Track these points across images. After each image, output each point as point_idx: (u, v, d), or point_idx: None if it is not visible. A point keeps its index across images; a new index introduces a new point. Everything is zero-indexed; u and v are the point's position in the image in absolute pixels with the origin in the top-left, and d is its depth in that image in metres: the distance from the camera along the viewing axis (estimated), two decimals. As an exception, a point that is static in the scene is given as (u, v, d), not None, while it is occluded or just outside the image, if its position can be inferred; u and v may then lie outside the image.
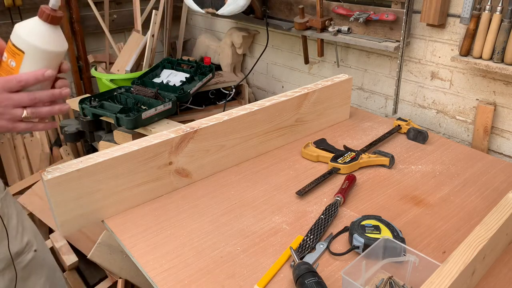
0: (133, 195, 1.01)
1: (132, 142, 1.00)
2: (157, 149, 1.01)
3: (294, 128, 1.32)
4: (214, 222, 0.97)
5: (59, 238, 1.57)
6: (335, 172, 1.16)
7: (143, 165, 1.00)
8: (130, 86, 1.79)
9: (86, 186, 0.92)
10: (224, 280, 0.81)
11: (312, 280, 0.74)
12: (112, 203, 0.98)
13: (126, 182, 0.98)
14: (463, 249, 0.71)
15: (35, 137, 2.26)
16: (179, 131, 1.05)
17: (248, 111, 1.16)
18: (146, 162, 1.00)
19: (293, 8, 1.81)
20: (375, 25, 1.55)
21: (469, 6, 1.27)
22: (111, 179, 0.95)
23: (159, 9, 2.18)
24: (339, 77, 1.40)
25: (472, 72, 1.38)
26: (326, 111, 1.39)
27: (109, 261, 1.43)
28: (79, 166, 0.90)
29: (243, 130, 1.17)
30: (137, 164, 0.98)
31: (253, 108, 1.17)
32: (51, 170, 0.88)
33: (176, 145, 1.04)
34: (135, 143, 1.00)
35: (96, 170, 0.92)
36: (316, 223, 0.94)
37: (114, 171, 0.95)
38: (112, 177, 0.95)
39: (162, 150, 1.02)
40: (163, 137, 1.02)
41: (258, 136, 1.23)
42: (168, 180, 1.06)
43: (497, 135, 1.38)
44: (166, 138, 1.02)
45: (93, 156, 0.94)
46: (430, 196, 1.06)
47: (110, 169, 0.94)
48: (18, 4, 1.99)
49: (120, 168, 0.96)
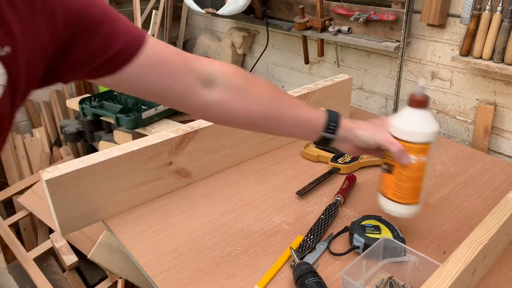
0: (133, 195, 1.01)
1: (132, 142, 1.00)
2: (157, 149, 1.00)
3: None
4: (214, 222, 0.97)
5: (59, 238, 1.57)
6: (335, 172, 1.16)
7: (143, 165, 0.99)
8: (130, 86, 1.79)
9: (85, 186, 0.91)
10: (224, 280, 0.81)
11: (312, 280, 0.74)
12: (112, 203, 0.98)
13: (126, 182, 0.98)
14: (463, 249, 0.71)
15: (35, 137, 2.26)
16: (179, 131, 1.05)
17: None
18: (146, 162, 1.00)
19: (293, 8, 1.81)
20: (375, 25, 1.55)
21: (469, 6, 1.27)
22: (111, 179, 0.95)
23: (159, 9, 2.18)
24: (339, 77, 1.40)
25: (472, 72, 1.38)
26: None
27: (109, 261, 1.43)
28: (79, 166, 0.90)
29: (242, 130, 1.16)
30: (137, 164, 0.98)
31: None
32: (51, 170, 0.88)
33: (176, 145, 1.04)
34: (135, 143, 1.00)
35: (96, 170, 0.92)
36: (316, 223, 0.94)
37: (114, 171, 0.95)
38: (112, 177, 0.95)
39: (162, 150, 1.02)
40: (163, 137, 1.02)
41: (258, 137, 1.22)
42: (168, 180, 1.06)
43: (497, 135, 1.38)
44: (166, 138, 1.02)
45: (93, 156, 0.94)
46: (430, 196, 1.06)
47: (110, 169, 0.94)
48: (18, 4, 1.99)
49: (120, 168, 0.96)
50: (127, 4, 2.41)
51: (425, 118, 0.78)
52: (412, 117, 0.78)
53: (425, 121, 0.78)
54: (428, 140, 0.78)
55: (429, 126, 0.78)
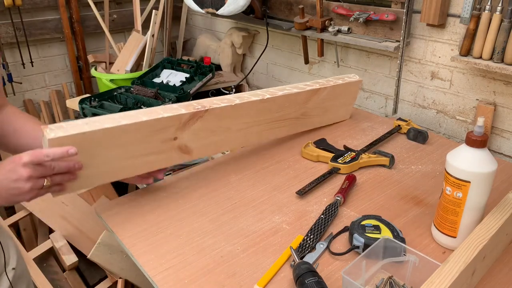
0: (132, 165, 0.98)
1: (141, 112, 0.96)
2: (166, 123, 0.97)
3: (297, 121, 1.31)
4: (214, 222, 0.97)
5: (59, 238, 1.57)
6: (335, 172, 1.16)
7: (149, 137, 0.96)
8: (130, 86, 1.79)
9: (87, 150, 0.88)
10: (224, 280, 0.81)
11: (312, 280, 0.74)
12: (110, 171, 0.95)
13: (128, 151, 0.95)
14: (463, 249, 0.71)
15: (35, 137, 2.26)
16: (189, 107, 1.01)
17: (260, 98, 1.13)
18: (153, 134, 0.96)
19: (293, 8, 1.81)
20: (375, 25, 1.55)
21: (469, 6, 1.28)
22: (114, 146, 0.92)
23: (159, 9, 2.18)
24: (350, 77, 1.39)
25: (472, 72, 1.38)
26: (331, 109, 1.39)
27: (109, 261, 1.43)
28: (85, 129, 0.86)
29: (250, 116, 1.15)
30: (143, 135, 0.95)
31: (265, 96, 1.14)
32: (54, 128, 0.83)
33: (185, 121, 1.00)
34: (145, 113, 0.95)
35: (101, 136, 0.88)
36: (316, 222, 0.94)
37: (119, 139, 0.91)
38: (116, 145, 0.92)
39: (170, 124, 0.98)
40: (173, 111, 0.98)
41: (263, 124, 1.20)
42: (169, 155, 1.03)
43: (497, 135, 1.38)
44: (177, 113, 0.98)
45: (100, 120, 0.89)
46: (430, 196, 1.06)
47: (115, 136, 0.90)
48: (18, 4, 1.99)
49: (126, 137, 0.92)
50: (127, 4, 2.41)
51: (475, 157, 0.79)
52: (463, 152, 0.81)
53: (471, 160, 0.79)
54: (465, 178, 0.79)
55: (472, 165, 0.79)
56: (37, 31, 2.16)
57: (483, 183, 0.80)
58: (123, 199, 1.07)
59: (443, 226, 0.86)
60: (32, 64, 2.19)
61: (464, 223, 0.83)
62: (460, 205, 0.82)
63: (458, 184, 0.81)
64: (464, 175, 0.80)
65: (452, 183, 0.82)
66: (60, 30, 2.22)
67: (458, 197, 0.82)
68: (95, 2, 2.18)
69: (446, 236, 0.87)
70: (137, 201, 1.05)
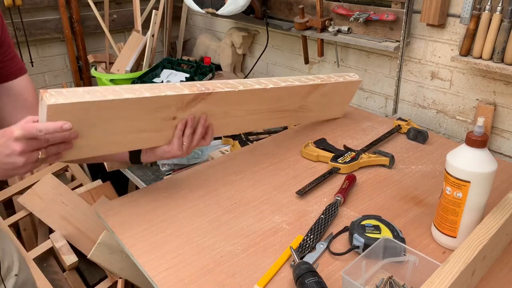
0: (129, 140, 0.96)
1: (144, 86, 0.93)
2: (168, 101, 0.94)
3: (295, 113, 1.30)
4: (214, 222, 0.97)
5: (59, 238, 1.57)
6: (335, 172, 1.16)
7: (150, 114, 0.94)
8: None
9: (85, 120, 0.85)
10: (224, 280, 0.81)
11: (312, 280, 0.74)
12: (106, 143, 0.93)
13: (126, 126, 0.93)
14: (463, 249, 0.71)
15: (35, 137, 2.26)
16: (193, 88, 0.98)
17: (263, 87, 1.12)
18: (153, 111, 0.94)
19: (293, 8, 1.81)
20: (375, 25, 1.55)
21: (469, 6, 1.27)
22: (113, 119, 0.89)
23: (159, 9, 2.18)
24: (350, 76, 1.39)
25: (472, 72, 1.38)
26: (328, 105, 1.39)
27: (109, 261, 1.44)
28: (86, 98, 0.82)
29: (251, 103, 1.14)
30: (144, 111, 0.93)
31: (268, 85, 1.13)
32: (54, 94, 0.79)
33: (187, 102, 0.98)
34: (147, 88, 0.92)
35: (103, 107, 0.85)
36: (316, 222, 0.94)
37: (120, 112, 0.89)
38: (116, 117, 0.89)
39: (173, 103, 0.96)
40: (177, 90, 0.95)
41: (262, 113, 1.20)
42: (166, 133, 1.01)
43: (497, 135, 1.38)
44: (180, 92, 0.95)
45: (101, 91, 0.86)
46: (430, 196, 1.06)
47: (116, 109, 0.88)
48: (18, 4, 1.99)
49: (126, 111, 0.90)
50: (127, 4, 2.41)
51: (475, 157, 0.80)
52: (463, 152, 0.81)
53: (471, 160, 0.79)
54: (465, 178, 0.80)
55: (472, 165, 0.79)
56: (37, 31, 2.16)
57: (483, 183, 0.80)
58: (123, 199, 1.07)
59: (443, 226, 0.87)
60: (32, 64, 2.19)
61: (464, 223, 0.83)
62: (460, 205, 0.82)
63: (458, 184, 0.81)
64: (464, 175, 0.80)
65: (452, 183, 0.82)
66: (60, 30, 2.22)
67: (458, 197, 0.82)
68: (95, 2, 2.18)
69: (446, 236, 0.87)
70: (137, 201, 1.05)
